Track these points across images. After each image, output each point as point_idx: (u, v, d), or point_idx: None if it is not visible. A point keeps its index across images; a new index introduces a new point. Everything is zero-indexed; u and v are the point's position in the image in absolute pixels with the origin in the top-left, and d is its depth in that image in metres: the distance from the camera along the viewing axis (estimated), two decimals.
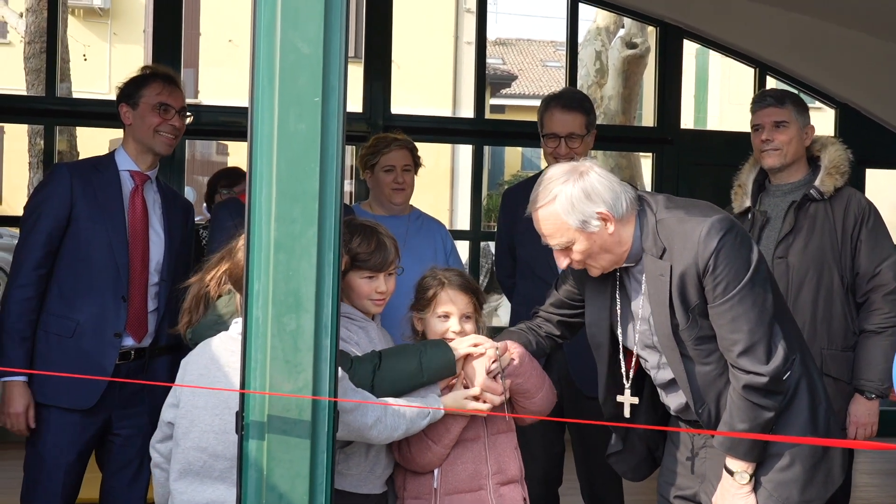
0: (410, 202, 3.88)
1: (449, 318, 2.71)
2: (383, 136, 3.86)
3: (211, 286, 2.56)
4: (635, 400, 2.65)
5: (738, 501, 2.45)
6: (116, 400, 3.25)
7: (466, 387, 2.61)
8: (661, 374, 2.59)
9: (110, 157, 3.34)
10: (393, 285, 2.74)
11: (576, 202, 2.39)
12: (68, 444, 3.18)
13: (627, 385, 2.65)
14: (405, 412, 2.47)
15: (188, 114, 3.40)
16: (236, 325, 2.45)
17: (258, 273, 2.03)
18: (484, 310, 2.85)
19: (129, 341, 3.24)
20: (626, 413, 2.66)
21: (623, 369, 2.64)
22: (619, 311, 2.59)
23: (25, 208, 3.27)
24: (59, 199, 3.17)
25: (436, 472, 2.61)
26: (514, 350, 2.67)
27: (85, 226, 3.17)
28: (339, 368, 2.26)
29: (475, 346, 2.62)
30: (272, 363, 2.03)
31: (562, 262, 2.51)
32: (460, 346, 2.62)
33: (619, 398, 2.67)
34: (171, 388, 2.55)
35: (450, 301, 2.71)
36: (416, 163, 3.81)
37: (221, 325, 2.56)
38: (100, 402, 3.20)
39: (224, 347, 2.43)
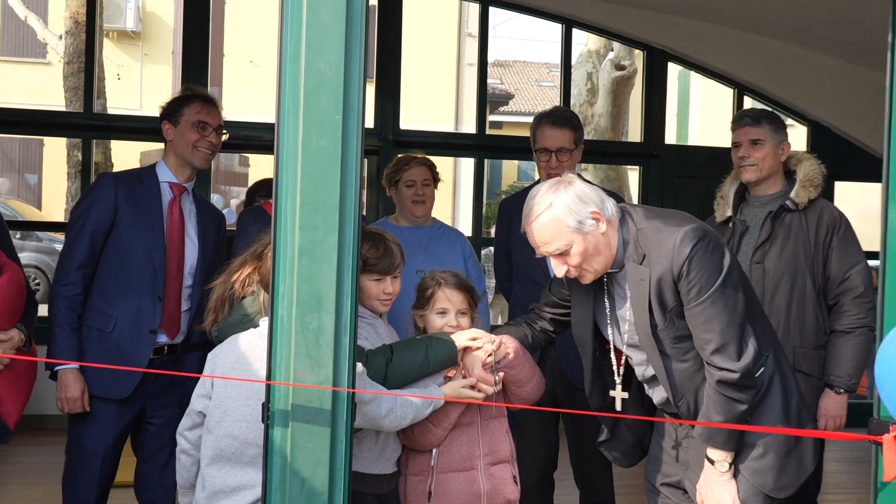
0: (433, 214, 3.92)
1: (446, 313, 2.80)
2: (405, 155, 3.91)
3: (236, 287, 2.56)
4: (625, 395, 2.66)
5: (720, 488, 2.46)
6: (150, 391, 3.26)
7: (464, 377, 2.68)
8: (644, 371, 2.60)
9: (152, 168, 3.35)
10: (399, 287, 2.79)
11: (571, 205, 2.43)
12: (105, 430, 3.19)
13: (618, 381, 2.65)
14: (413, 402, 2.52)
15: (224, 131, 3.41)
16: (264, 323, 2.44)
17: (283, 276, 2.04)
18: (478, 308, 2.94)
19: (162, 338, 3.25)
20: (618, 406, 2.67)
21: (614, 366, 2.65)
22: (607, 314, 2.60)
23: (72, 212, 3.29)
24: (105, 206, 3.19)
25: (434, 451, 2.70)
26: (510, 345, 2.73)
27: (126, 231, 3.19)
28: (359, 364, 2.29)
29: (473, 339, 2.69)
30: (296, 358, 2.04)
31: (559, 270, 2.50)
32: (460, 340, 2.68)
33: (612, 393, 2.68)
34: (200, 379, 2.55)
35: (446, 299, 2.81)
36: (434, 178, 3.85)
37: (247, 322, 2.55)
38: (134, 392, 3.21)
39: (254, 343, 2.43)
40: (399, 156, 3.93)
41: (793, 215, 3.35)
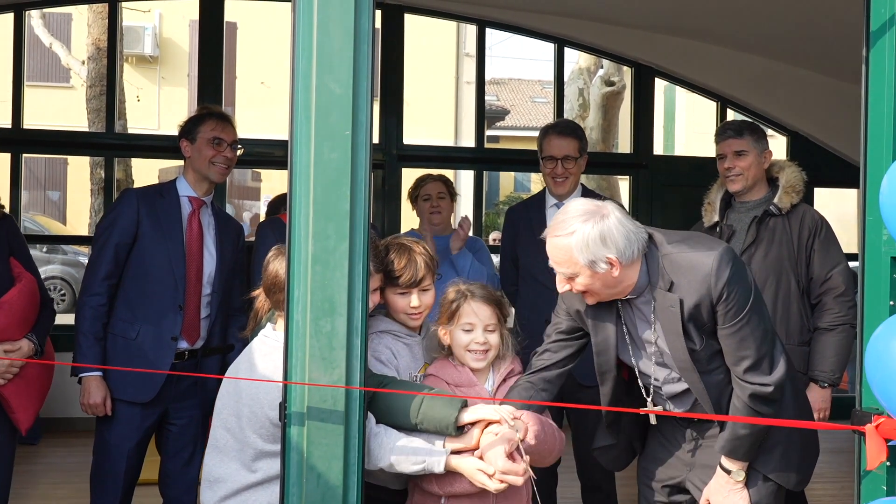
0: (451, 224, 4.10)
1: (473, 329, 2.47)
2: (425, 174, 4.09)
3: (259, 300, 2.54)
4: (659, 409, 2.50)
5: (735, 496, 2.40)
6: (172, 394, 3.27)
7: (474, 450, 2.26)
8: (671, 388, 2.48)
9: (172, 184, 3.36)
10: (430, 299, 2.53)
11: (591, 243, 2.24)
12: (130, 432, 3.20)
13: (649, 399, 2.51)
14: (393, 447, 2.21)
15: (239, 147, 3.42)
16: (269, 326, 2.41)
17: (298, 282, 2.05)
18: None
19: (183, 344, 3.25)
20: (653, 420, 2.52)
21: (642, 388, 2.50)
22: (627, 339, 2.46)
23: (98, 227, 3.30)
24: (128, 220, 3.20)
25: (442, 500, 2.34)
26: (531, 426, 2.30)
27: (149, 243, 3.19)
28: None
29: (489, 423, 2.26)
30: (311, 360, 2.05)
31: (562, 287, 2.36)
32: (469, 413, 2.27)
33: (649, 413, 2.50)
34: (221, 381, 2.54)
35: (473, 313, 2.47)
36: (450, 192, 4.00)
37: None
38: (157, 396, 3.22)
39: (257, 345, 2.40)
40: (419, 175, 4.09)
41: (776, 220, 3.35)
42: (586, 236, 2.24)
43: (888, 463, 2.04)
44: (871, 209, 2.11)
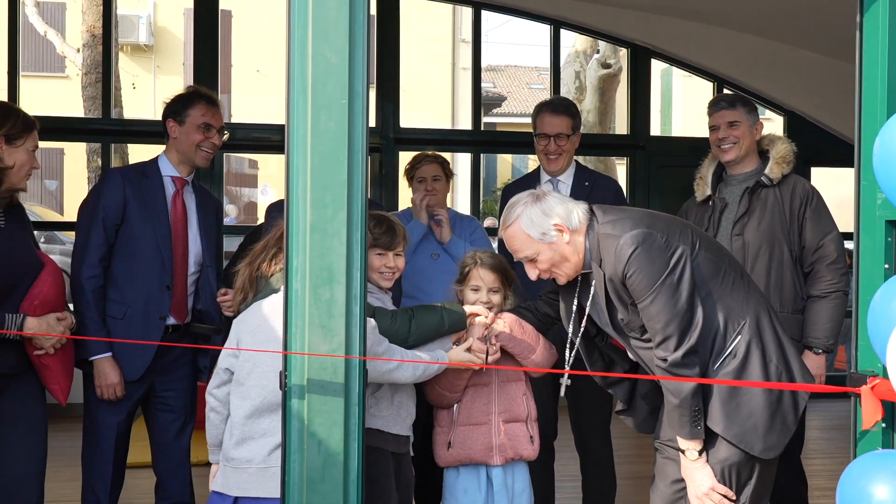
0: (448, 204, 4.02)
1: (479, 290, 2.96)
2: (421, 153, 4.00)
3: (263, 268, 2.59)
4: (569, 381, 2.82)
5: (696, 473, 2.49)
6: (158, 367, 3.25)
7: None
8: (631, 354, 2.67)
9: (154, 163, 3.33)
10: (401, 263, 2.87)
11: (535, 218, 2.52)
12: (118, 408, 3.20)
13: (569, 362, 2.72)
14: (416, 365, 2.63)
15: (225, 132, 3.40)
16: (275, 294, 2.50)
17: (297, 251, 2.07)
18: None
19: (171, 320, 3.26)
20: (562, 392, 2.84)
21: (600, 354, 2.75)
22: (587, 311, 2.66)
23: (83, 208, 3.25)
24: (115, 201, 3.17)
25: (455, 407, 2.93)
26: (507, 319, 2.88)
27: (135, 224, 3.18)
28: (371, 320, 2.36)
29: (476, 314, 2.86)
30: (310, 328, 2.07)
31: (532, 274, 2.59)
32: (468, 308, 2.88)
33: (562, 380, 2.82)
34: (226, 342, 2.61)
35: (479, 277, 2.97)
36: (446, 173, 3.94)
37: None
38: (145, 371, 3.22)
39: (276, 306, 2.44)
40: (415, 154, 4.02)
41: (768, 190, 3.38)
42: (529, 214, 2.54)
43: (884, 424, 2.07)
44: (865, 172, 2.12)
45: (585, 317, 2.65)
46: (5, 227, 2.90)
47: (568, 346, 2.72)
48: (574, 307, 2.67)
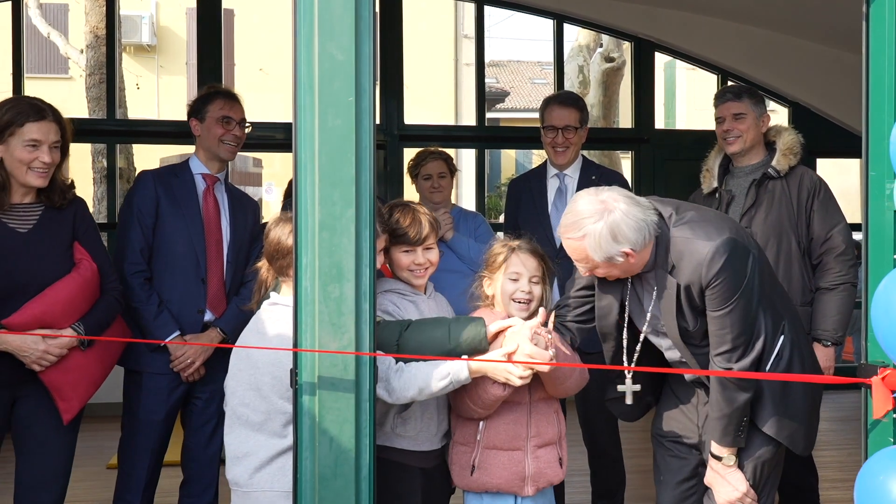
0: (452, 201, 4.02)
1: (519, 279, 2.58)
2: (425, 150, 3.98)
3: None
4: (636, 387, 2.58)
5: (731, 477, 2.47)
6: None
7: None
8: (671, 354, 2.57)
9: (185, 163, 3.42)
10: (434, 256, 2.62)
11: (603, 243, 2.29)
12: (158, 405, 3.24)
13: (629, 375, 2.57)
14: (422, 374, 2.32)
15: (247, 125, 3.47)
16: (274, 294, 2.44)
17: (306, 249, 2.07)
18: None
19: (209, 315, 3.31)
20: (629, 400, 2.59)
21: (635, 353, 2.56)
22: (630, 308, 2.53)
23: (120, 214, 3.37)
24: (148, 200, 3.26)
25: (480, 424, 2.52)
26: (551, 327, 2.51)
27: (169, 221, 3.26)
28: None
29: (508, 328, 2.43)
30: (320, 326, 2.07)
31: (583, 270, 2.45)
32: (494, 325, 2.45)
33: (621, 388, 2.59)
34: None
35: (521, 263, 2.59)
36: (451, 170, 3.94)
37: None
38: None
39: (265, 312, 2.43)
40: (419, 150, 4.01)
41: (775, 182, 3.37)
42: (598, 237, 2.29)
43: (894, 415, 2.07)
44: (874, 163, 2.12)
45: (653, 315, 2.46)
46: (27, 233, 2.82)
47: (625, 348, 2.53)
48: (629, 304, 2.51)
